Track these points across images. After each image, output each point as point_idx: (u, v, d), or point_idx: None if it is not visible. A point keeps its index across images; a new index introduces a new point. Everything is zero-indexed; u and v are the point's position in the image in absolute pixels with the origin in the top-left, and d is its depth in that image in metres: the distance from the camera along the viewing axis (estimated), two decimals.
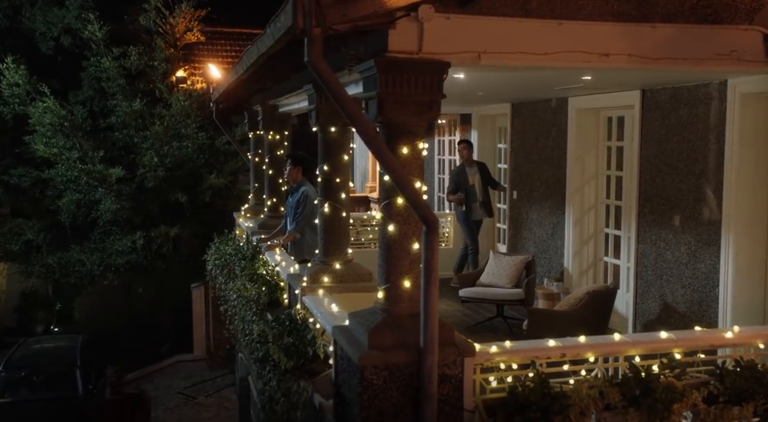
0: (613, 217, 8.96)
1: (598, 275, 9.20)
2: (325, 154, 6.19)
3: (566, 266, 9.30)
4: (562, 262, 9.40)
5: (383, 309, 4.44)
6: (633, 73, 6.17)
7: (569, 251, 9.23)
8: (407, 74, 4.26)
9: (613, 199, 8.95)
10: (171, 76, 18.16)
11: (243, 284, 7.24)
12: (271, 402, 5.08)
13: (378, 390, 4.25)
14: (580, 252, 9.19)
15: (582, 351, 4.57)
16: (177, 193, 16.37)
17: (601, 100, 8.62)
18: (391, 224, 4.42)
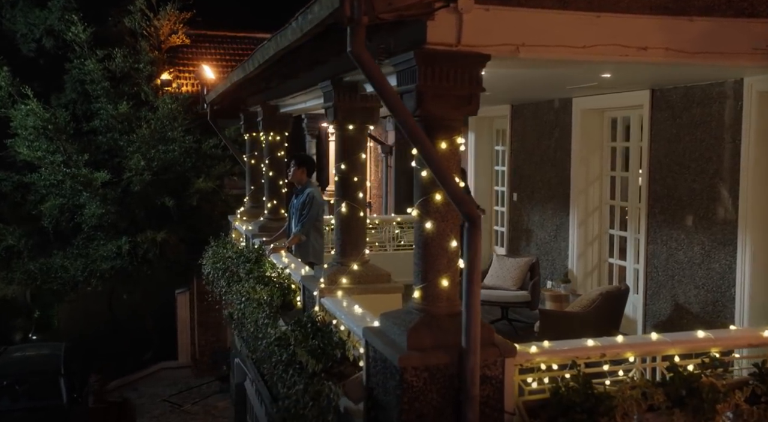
0: (618, 218, 8.91)
1: (602, 277, 9.14)
2: (342, 153, 6.06)
3: (570, 268, 9.24)
4: (566, 264, 9.33)
5: (420, 309, 4.31)
6: (650, 70, 6.12)
7: (573, 253, 9.16)
8: (446, 67, 4.14)
9: (618, 199, 8.90)
10: (156, 79, 17.92)
11: (252, 287, 7.07)
12: (297, 407, 4.92)
13: (418, 392, 4.11)
14: (585, 254, 9.13)
15: (621, 350, 4.47)
16: (163, 197, 16.11)
17: (607, 101, 8.58)
18: (429, 221, 4.29)
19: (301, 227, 7.85)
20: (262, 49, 6.04)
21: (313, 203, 8.00)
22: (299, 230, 7.84)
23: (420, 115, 4.23)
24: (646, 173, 7.89)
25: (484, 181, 11.60)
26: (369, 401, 4.55)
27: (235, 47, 20.38)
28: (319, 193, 8.31)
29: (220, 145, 17.13)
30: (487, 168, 11.62)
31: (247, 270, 7.76)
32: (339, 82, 5.84)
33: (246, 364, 9.56)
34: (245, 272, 7.78)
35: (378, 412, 4.46)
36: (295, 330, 5.33)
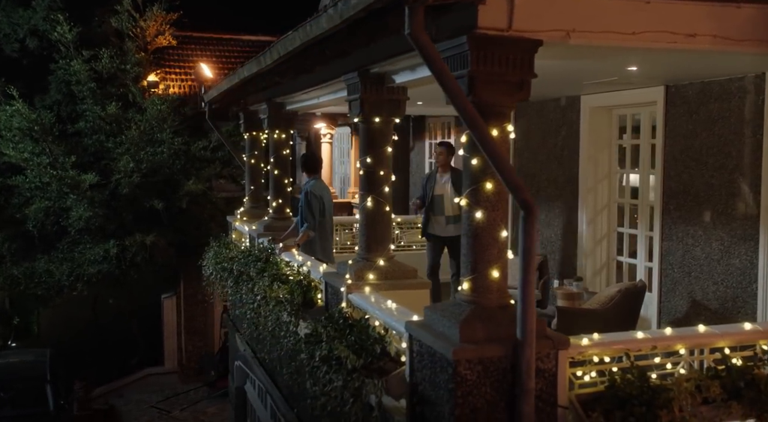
0: (628, 216, 8.87)
1: (611, 275, 9.09)
2: (367, 146, 5.93)
3: (579, 266, 9.18)
4: (574, 263, 9.27)
5: (470, 301, 4.20)
6: (673, 64, 6.08)
7: (582, 251, 9.10)
8: (498, 52, 4.05)
9: (627, 197, 8.86)
10: (142, 81, 17.67)
11: (267, 285, 6.91)
12: (335, 404, 4.78)
13: (472, 385, 4.00)
14: (594, 252, 9.08)
15: (672, 342, 4.39)
16: (152, 199, 15.86)
17: (616, 98, 8.53)
18: (479, 211, 4.19)
19: (307, 223, 7.74)
20: (285, 40, 5.90)
21: (309, 197, 7.88)
22: (306, 226, 7.72)
23: (471, 102, 4.12)
24: (660, 170, 7.84)
25: None
26: (414, 397, 4.43)
27: (221, 49, 20.19)
28: (320, 185, 8.13)
29: (209, 147, 16.94)
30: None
31: (258, 269, 7.60)
32: (366, 74, 5.73)
33: (250, 366, 9.39)
34: (256, 271, 7.62)
35: (424, 408, 4.34)
36: (327, 325, 5.19)
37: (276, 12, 23.48)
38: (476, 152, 4.16)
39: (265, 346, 7.41)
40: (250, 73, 7.58)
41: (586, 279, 9.08)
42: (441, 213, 8.91)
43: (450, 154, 9.27)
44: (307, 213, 7.71)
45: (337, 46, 5.51)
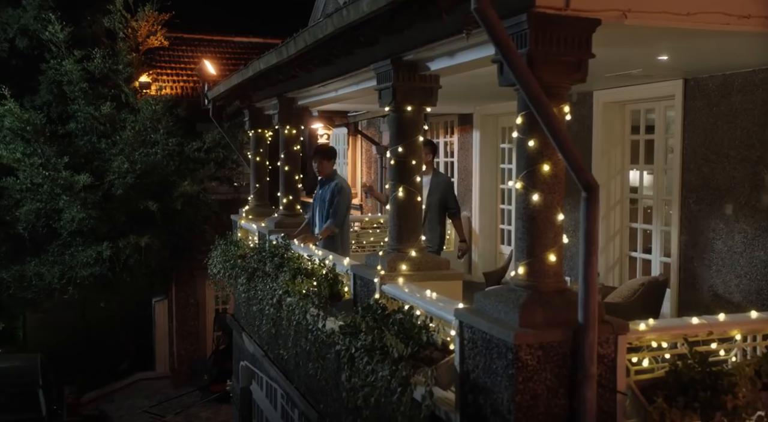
0: (641, 212, 8.84)
1: (624, 270, 9.05)
2: (398, 135, 5.84)
3: None
4: None
5: (526, 286, 4.11)
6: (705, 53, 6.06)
7: None
8: (557, 31, 3.98)
9: (641, 192, 8.84)
10: (134, 81, 17.47)
11: (288, 280, 6.79)
12: (379, 395, 4.67)
13: (532, 371, 3.91)
14: (606, 249, 9.03)
15: (728, 328, 4.34)
16: (146, 201, 15.64)
17: (631, 93, 8.51)
18: (536, 193, 4.12)
19: (334, 219, 7.64)
20: (315, 27, 5.81)
21: (342, 193, 7.82)
22: (333, 222, 7.63)
23: None
24: (678, 164, 7.82)
25: (489, 179, 11.48)
26: (465, 385, 4.33)
27: (212, 51, 20.03)
28: (347, 183, 8.13)
29: (202, 149, 16.78)
30: (492, 166, 11.50)
31: (275, 264, 7.47)
32: (399, 61, 5.64)
33: (260, 365, 9.24)
34: (273, 266, 7.49)
35: (477, 396, 4.24)
36: (365, 316, 5.08)
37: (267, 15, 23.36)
38: (533, 134, 4.09)
39: (285, 343, 7.27)
40: (268, 65, 7.47)
41: (600, 275, 9.03)
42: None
43: (433, 153, 8.91)
44: (341, 208, 7.64)
45: (372, 32, 5.43)
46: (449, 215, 8.75)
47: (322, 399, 6.82)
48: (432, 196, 8.37)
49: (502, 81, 4.28)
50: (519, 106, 4.19)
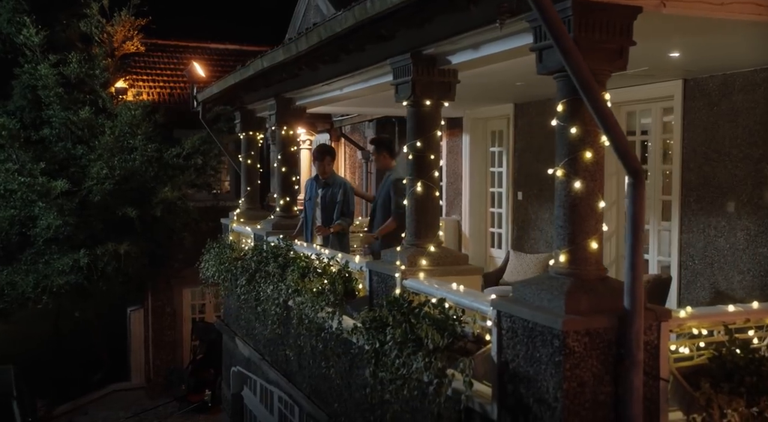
0: None
1: (620, 271, 9.08)
2: (416, 130, 5.82)
3: None
4: None
5: (568, 273, 4.11)
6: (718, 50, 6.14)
7: None
8: (599, 18, 4.01)
9: None
10: (110, 87, 17.22)
11: (296, 279, 6.71)
12: (410, 387, 4.62)
13: (579, 358, 3.90)
14: (603, 249, 9.07)
15: (764, 316, 4.37)
16: (125, 207, 15.37)
17: (627, 94, 8.57)
18: (578, 181, 4.12)
19: (349, 216, 7.72)
20: (333, 21, 5.77)
21: (351, 193, 7.86)
22: (346, 220, 7.70)
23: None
24: (678, 164, 7.90)
25: (478, 183, 11.50)
26: (504, 375, 4.30)
27: (188, 57, 19.82)
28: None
29: (181, 155, 16.57)
30: (482, 169, 11.52)
31: (280, 264, 7.38)
32: (418, 56, 5.62)
33: (256, 370, 9.11)
34: (277, 267, 7.40)
35: (518, 385, 4.21)
36: (392, 309, 5.03)
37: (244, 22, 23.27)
38: (575, 121, 4.10)
39: (294, 342, 7.18)
40: (273, 62, 7.41)
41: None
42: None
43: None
44: (352, 206, 7.68)
45: (394, 25, 5.42)
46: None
47: (332, 399, 6.74)
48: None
49: (540, 69, 4.28)
50: (560, 94, 4.20)
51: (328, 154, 8.40)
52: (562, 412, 3.87)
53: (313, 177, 8.93)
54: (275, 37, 18.62)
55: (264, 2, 24.77)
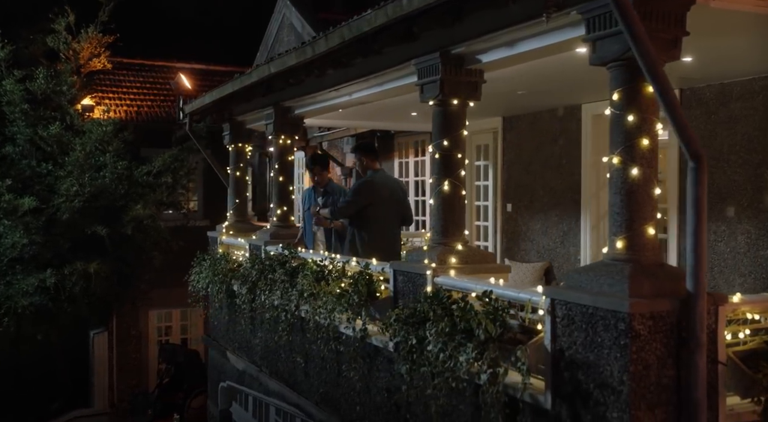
0: None
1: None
2: (443, 129, 5.85)
3: None
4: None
5: (626, 259, 4.15)
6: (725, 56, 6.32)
7: (586, 256, 9.23)
8: (656, 7, 4.10)
9: None
10: (77, 104, 16.91)
11: (311, 283, 6.65)
12: (458, 380, 4.60)
13: (644, 341, 3.93)
14: (597, 257, 9.21)
15: None
16: (94, 225, 15.02)
17: None
18: (635, 167, 4.19)
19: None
20: (360, 20, 5.76)
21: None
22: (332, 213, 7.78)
23: (627, 58, 4.14)
24: (675, 171, 8.08)
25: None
26: (560, 362, 4.31)
27: (154, 76, 19.65)
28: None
29: (152, 173, 16.31)
30: (468, 183, 11.58)
31: (288, 271, 7.30)
32: (447, 55, 5.66)
33: (250, 382, 8.95)
34: (284, 274, 7.31)
35: (576, 372, 4.21)
36: (432, 304, 5.01)
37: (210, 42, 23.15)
38: (632, 109, 4.18)
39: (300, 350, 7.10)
40: (280, 68, 7.38)
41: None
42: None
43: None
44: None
45: (426, 23, 5.44)
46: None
47: (347, 404, 6.67)
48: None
49: (594, 59, 4.36)
50: (614, 83, 4.27)
51: (317, 164, 8.47)
52: (629, 395, 3.89)
53: (311, 187, 8.91)
54: (244, 57, 18.59)
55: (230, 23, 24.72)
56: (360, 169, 7.90)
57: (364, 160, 7.78)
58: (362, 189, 7.69)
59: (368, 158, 7.83)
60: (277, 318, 7.35)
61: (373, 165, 7.82)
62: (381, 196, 7.59)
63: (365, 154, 7.84)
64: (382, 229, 7.56)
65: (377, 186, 7.63)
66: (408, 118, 10.33)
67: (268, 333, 8.28)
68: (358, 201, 7.58)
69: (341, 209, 7.62)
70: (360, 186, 7.80)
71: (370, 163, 7.79)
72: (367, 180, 7.73)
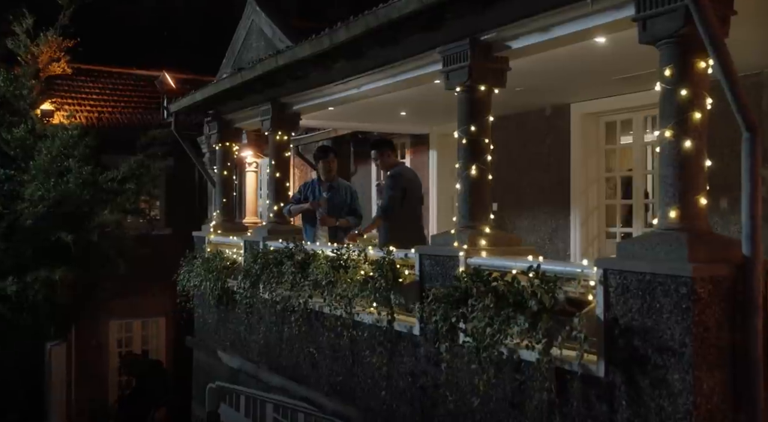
0: (619, 216, 9.32)
1: (602, 247, 9.44)
2: (470, 115, 5.97)
3: None
4: None
5: (681, 228, 4.32)
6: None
7: (576, 252, 9.43)
8: None
9: (619, 198, 9.34)
10: (37, 108, 16.54)
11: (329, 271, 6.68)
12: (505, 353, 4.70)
13: (705, 304, 4.09)
14: (587, 253, 9.43)
15: None
16: (59, 231, 14.67)
17: (608, 104, 9.04)
18: (688, 140, 4.37)
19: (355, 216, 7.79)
20: (390, 7, 5.84)
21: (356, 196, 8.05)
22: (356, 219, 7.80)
23: (680, 35, 4.32)
24: None
25: (446, 199, 11.73)
26: (614, 330, 4.43)
27: (113, 82, 19.37)
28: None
29: (117, 179, 16.04)
30: (449, 185, 11.74)
31: (296, 263, 7.29)
32: (476, 41, 5.79)
33: (246, 380, 8.86)
34: (293, 266, 7.31)
35: (631, 338, 4.34)
36: (475, 281, 5.10)
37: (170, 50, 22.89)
38: (684, 83, 4.36)
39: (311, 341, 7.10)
40: (290, 60, 7.39)
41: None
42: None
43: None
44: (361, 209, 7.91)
45: (458, 10, 5.55)
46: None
47: (363, 393, 6.72)
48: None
49: (644, 37, 4.53)
50: (665, 59, 4.44)
51: (333, 152, 8.67)
52: (693, 356, 4.03)
53: (314, 180, 8.94)
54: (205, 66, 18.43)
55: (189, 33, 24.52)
56: (382, 163, 8.18)
57: (390, 154, 8.13)
58: (400, 180, 8.13)
59: (393, 153, 8.36)
60: (285, 310, 7.32)
61: (397, 160, 8.15)
62: (410, 188, 7.92)
63: (391, 149, 8.35)
64: (410, 219, 7.87)
65: (405, 178, 7.96)
66: (396, 118, 10.43)
67: (270, 328, 8.23)
68: (397, 194, 8.05)
69: (391, 205, 7.99)
70: (396, 178, 8.18)
71: (394, 158, 8.17)
72: (398, 172, 8.19)
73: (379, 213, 8.14)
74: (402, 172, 8.33)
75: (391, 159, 8.46)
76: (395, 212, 7.99)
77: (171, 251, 16.95)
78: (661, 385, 4.20)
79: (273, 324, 8.17)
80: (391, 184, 8.10)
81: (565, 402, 4.75)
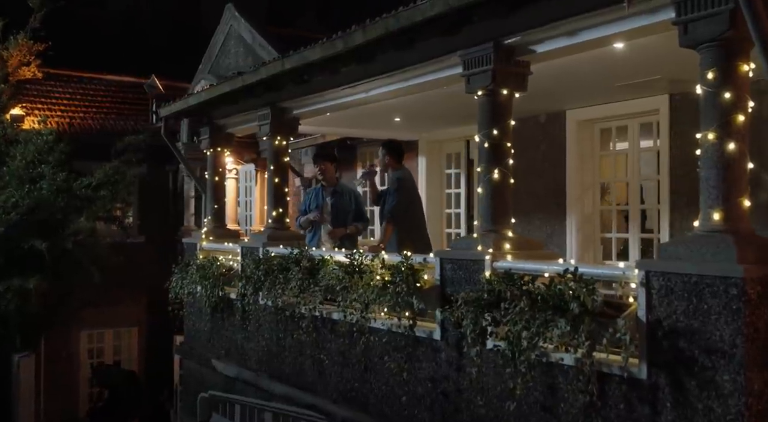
0: (615, 222, 9.39)
1: (598, 251, 9.50)
2: (492, 119, 5.94)
3: None
4: None
5: (725, 230, 4.34)
6: None
7: (573, 256, 9.47)
8: None
9: (614, 204, 9.42)
10: (6, 113, 16.14)
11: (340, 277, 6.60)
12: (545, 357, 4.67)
13: (754, 305, 4.12)
14: (583, 259, 9.47)
15: None
16: (33, 239, 14.29)
17: (603, 111, 9.11)
18: (731, 142, 4.40)
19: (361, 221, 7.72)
20: (413, 9, 5.81)
21: (360, 199, 7.99)
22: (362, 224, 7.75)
23: (723, 38, 4.35)
24: (666, 173, 8.43)
25: (435, 204, 11.71)
26: (657, 332, 4.43)
27: (84, 87, 19.01)
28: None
29: (91, 186, 15.71)
30: (438, 191, 11.76)
31: (304, 269, 7.19)
32: (499, 45, 5.78)
33: (243, 389, 8.71)
34: (300, 272, 7.20)
35: (677, 340, 4.34)
36: (508, 284, 5.07)
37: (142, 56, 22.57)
38: (727, 86, 4.39)
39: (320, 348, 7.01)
40: (298, 64, 7.31)
41: None
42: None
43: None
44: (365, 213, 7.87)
45: (485, 13, 5.54)
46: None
47: (377, 400, 6.65)
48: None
49: (685, 41, 4.55)
50: (706, 62, 4.46)
51: (327, 159, 8.58)
52: (743, 357, 4.04)
53: (318, 187, 8.86)
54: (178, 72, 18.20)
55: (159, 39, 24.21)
56: (391, 167, 8.17)
57: (394, 158, 8.12)
58: (406, 185, 8.19)
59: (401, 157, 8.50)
60: (289, 317, 7.22)
61: (401, 164, 8.18)
62: (415, 192, 7.93)
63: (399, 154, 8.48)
64: (416, 223, 7.80)
65: (410, 182, 7.94)
66: (388, 125, 10.39)
67: (272, 335, 8.10)
68: (404, 198, 8.13)
69: (398, 209, 8.04)
70: (402, 182, 8.23)
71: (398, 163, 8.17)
72: (405, 175, 8.27)
73: (389, 218, 8.07)
74: (407, 176, 8.32)
75: (397, 163, 8.49)
76: (403, 215, 7.95)
77: (144, 259, 16.73)
78: (709, 387, 4.20)
79: (275, 331, 8.05)
80: (398, 188, 8.08)
81: (604, 404, 4.74)
